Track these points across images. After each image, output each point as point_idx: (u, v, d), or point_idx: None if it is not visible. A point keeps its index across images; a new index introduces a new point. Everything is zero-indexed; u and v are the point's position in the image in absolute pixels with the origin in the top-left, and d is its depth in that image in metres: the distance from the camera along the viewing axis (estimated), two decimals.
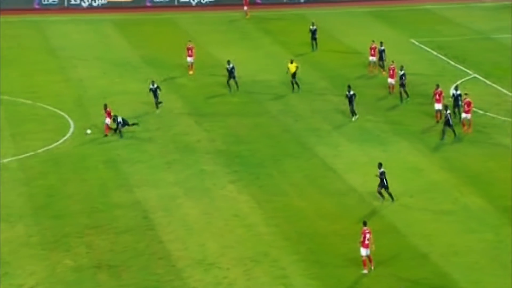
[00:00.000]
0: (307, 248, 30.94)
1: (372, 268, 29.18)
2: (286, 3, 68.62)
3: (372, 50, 50.60)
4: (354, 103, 42.96)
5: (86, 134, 40.25)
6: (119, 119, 40.58)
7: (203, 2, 67.49)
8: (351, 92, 42.98)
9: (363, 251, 29.07)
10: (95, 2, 66.49)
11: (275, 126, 43.01)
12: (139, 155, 38.95)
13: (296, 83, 47.31)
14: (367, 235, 29.07)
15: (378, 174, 34.13)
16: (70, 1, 65.78)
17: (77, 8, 65.79)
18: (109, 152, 39.29)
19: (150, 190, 35.37)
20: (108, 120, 40.81)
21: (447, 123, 40.41)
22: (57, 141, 40.27)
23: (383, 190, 34.21)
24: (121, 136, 40.45)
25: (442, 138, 40.73)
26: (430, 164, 38.45)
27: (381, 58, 50.27)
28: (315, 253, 30.61)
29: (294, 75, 47.23)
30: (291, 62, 47.43)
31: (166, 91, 47.78)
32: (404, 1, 68.91)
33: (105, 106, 41.44)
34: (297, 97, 47.09)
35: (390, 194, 34.24)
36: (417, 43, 57.75)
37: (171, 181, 36.25)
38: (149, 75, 50.52)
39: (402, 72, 45.90)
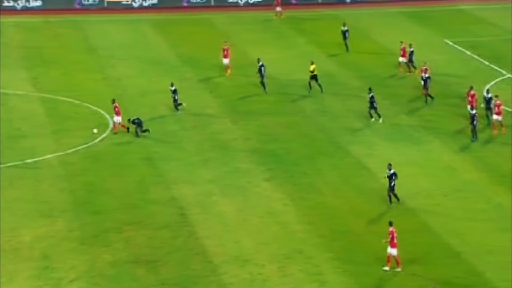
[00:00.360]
0: (341, 246, 30.91)
1: (388, 268, 28.99)
2: (321, 3, 68.45)
3: (402, 51, 50.37)
4: (376, 106, 42.54)
5: (93, 133, 40.29)
6: (136, 120, 40.36)
7: (250, 2, 67.60)
8: (371, 94, 42.65)
9: (393, 251, 28.93)
10: (135, 2, 67.00)
11: (310, 125, 42.99)
12: (176, 153, 39.18)
13: (309, 84, 47.06)
14: (394, 234, 28.96)
15: (387, 175, 33.63)
16: (122, 2, 66.25)
17: (117, 8, 66.32)
18: (147, 150, 39.57)
19: (186, 187, 35.56)
20: (116, 118, 40.74)
21: (471, 123, 40.10)
22: (97, 138, 40.64)
23: (391, 192, 33.63)
24: (148, 131, 40.43)
25: (474, 139, 40.40)
26: (463, 164, 38.16)
27: (410, 60, 49.97)
28: (349, 251, 30.55)
29: (313, 77, 47.04)
30: (312, 63, 47.30)
31: (202, 90, 48.03)
32: (439, 2, 68.38)
33: (113, 101, 41.27)
34: (331, 97, 46.99)
35: (390, 197, 33.57)
36: (451, 43, 57.29)
37: (207, 179, 36.40)
38: (186, 74, 50.83)
39: (426, 75, 45.45)
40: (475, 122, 39.99)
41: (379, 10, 66.33)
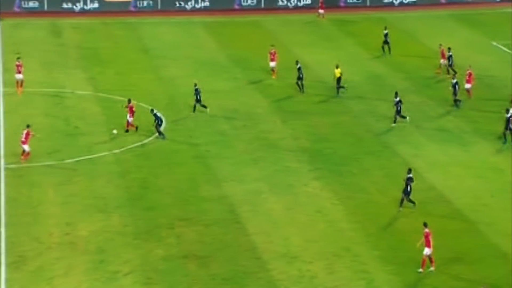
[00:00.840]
0: (388, 245, 30.58)
1: (433, 268, 28.53)
2: (369, 6, 67.98)
3: (441, 53, 49.75)
4: (400, 110, 41.87)
5: (113, 134, 40.38)
6: (158, 114, 39.81)
7: (300, 5, 67.49)
8: (397, 99, 42.05)
9: (428, 251, 28.48)
10: (187, 5, 67.37)
11: (357, 125, 42.66)
12: (226, 152, 39.21)
13: (342, 87, 46.52)
14: (429, 236, 28.51)
15: (405, 178, 32.97)
16: (175, 4, 66.69)
17: (170, 10, 66.78)
18: (198, 148, 39.68)
19: (236, 185, 35.56)
20: (129, 118, 40.60)
21: (506, 126, 39.32)
22: (150, 136, 40.88)
23: (405, 197, 32.93)
24: (163, 137, 39.59)
25: (504, 142, 39.51)
26: (510, 164, 37.42)
27: (450, 64, 49.27)
28: (396, 249, 30.19)
29: (338, 80, 46.57)
30: (337, 67, 46.84)
31: (252, 91, 48.04)
32: (487, 5, 67.28)
33: (129, 101, 41.16)
34: (378, 97, 46.54)
35: (403, 200, 32.94)
36: (498, 45, 56.30)
37: (256, 177, 36.36)
38: (236, 74, 50.89)
39: (454, 81, 44.64)
40: (509, 126, 39.25)
41: (427, 13, 65.56)
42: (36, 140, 39.04)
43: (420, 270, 28.57)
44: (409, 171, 33.33)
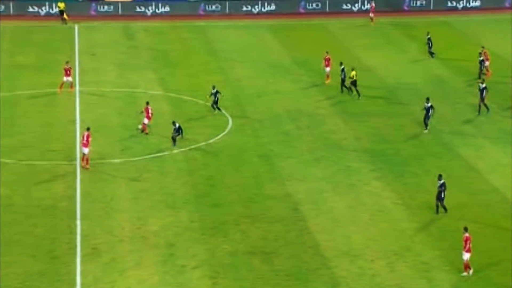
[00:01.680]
0: (449, 245, 30.12)
1: (466, 273, 27.92)
2: (432, 10, 67.08)
3: (485, 55, 48.85)
4: (431, 116, 40.98)
5: (138, 129, 40.51)
6: (177, 125, 39.36)
7: (364, 8, 67.11)
8: (429, 104, 41.12)
9: (467, 255, 27.89)
10: (254, 8, 67.65)
11: (418, 127, 42.12)
12: (290, 151, 39.23)
13: (349, 88, 45.98)
14: (469, 240, 27.91)
15: (438, 185, 32.18)
16: (243, 8, 67.11)
17: (237, 13, 67.17)
18: (263, 147, 39.80)
19: (299, 183, 35.54)
20: (146, 120, 40.66)
21: None
22: (217, 135, 41.20)
23: (439, 203, 32.12)
24: (174, 144, 38.99)
25: None
26: None
27: (480, 68, 48.19)
28: (457, 250, 29.66)
29: (354, 82, 45.85)
30: (352, 70, 46.17)
31: (315, 92, 47.91)
32: None
33: (147, 103, 41.09)
34: (440, 100, 45.87)
35: (444, 207, 32.16)
36: None
37: (319, 176, 36.28)
38: (300, 76, 50.85)
39: (483, 86, 43.55)
40: None
41: (490, 17, 64.28)
42: (109, 138, 39.76)
43: (464, 273, 27.99)
44: (440, 177, 32.52)
